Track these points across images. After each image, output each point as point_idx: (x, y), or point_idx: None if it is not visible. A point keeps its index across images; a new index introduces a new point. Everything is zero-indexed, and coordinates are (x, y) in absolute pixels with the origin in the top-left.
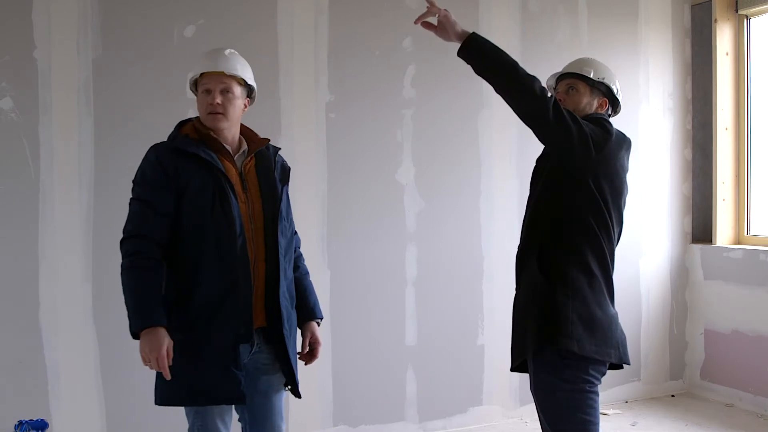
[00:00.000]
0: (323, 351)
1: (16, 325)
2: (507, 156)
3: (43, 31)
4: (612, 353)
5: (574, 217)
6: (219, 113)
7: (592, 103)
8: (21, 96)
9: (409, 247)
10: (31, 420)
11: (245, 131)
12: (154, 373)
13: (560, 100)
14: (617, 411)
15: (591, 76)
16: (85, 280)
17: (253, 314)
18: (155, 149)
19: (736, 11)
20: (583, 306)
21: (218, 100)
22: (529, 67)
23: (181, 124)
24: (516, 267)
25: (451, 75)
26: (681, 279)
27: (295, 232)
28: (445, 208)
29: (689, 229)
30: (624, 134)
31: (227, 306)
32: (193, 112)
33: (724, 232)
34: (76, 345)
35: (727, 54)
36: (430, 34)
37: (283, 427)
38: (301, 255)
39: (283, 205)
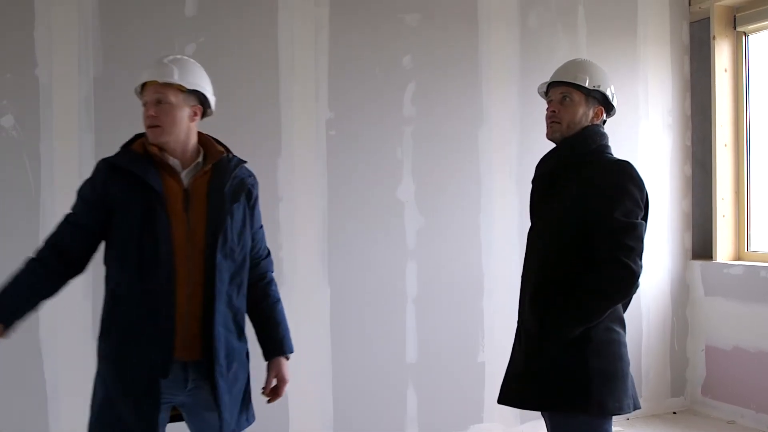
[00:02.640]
0: (324, 368)
1: (15, 342)
2: (507, 173)
3: (44, 48)
4: (630, 404)
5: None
6: (155, 126)
7: (588, 114)
8: (22, 113)
9: (410, 264)
10: None
11: (205, 142)
12: None
13: (555, 111)
14: (619, 428)
15: (586, 84)
16: (84, 298)
17: (182, 345)
18: (102, 162)
19: (735, 28)
20: (608, 362)
21: (151, 112)
22: (529, 83)
23: (137, 137)
24: (534, 303)
25: (451, 92)
26: (681, 295)
27: (267, 255)
28: (445, 225)
29: (689, 245)
30: (633, 167)
31: (145, 335)
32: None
33: (724, 249)
34: (76, 363)
35: (725, 71)
36: (430, 51)
37: None
38: (272, 281)
39: (230, 226)
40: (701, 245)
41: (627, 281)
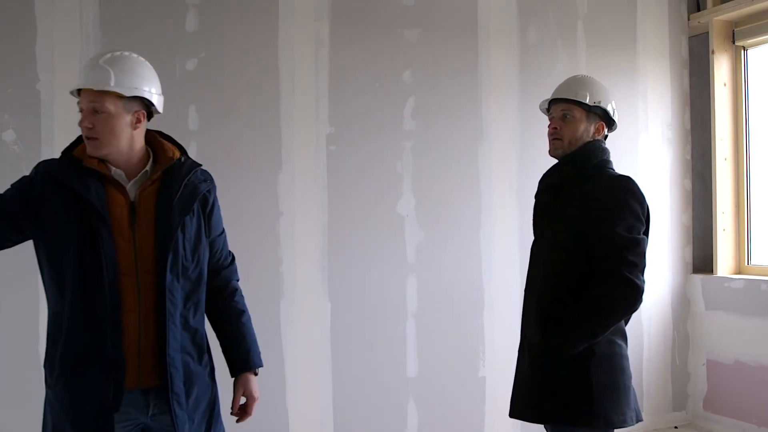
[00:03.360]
0: (325, 383)
1: (17, 360)
2: (507, 187)
3: (46, 64)
4: (633, 416)
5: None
6: (92, 138)
7: (589, 130)
8: (23, 128)
9: (410, 278)
10: None
11: (156, 144)
12: None
13: (556, 128)
14: None
15: (587, 101)
16: None
17: (135, 374)
18: (38, 167)
19: (733, 42)
20: (610, 375)
21: (87, 123)
22: (528, 98)
23: (79, 141)
24: (538, 318)
25: (450, 107)
26: (682, 309)
27: (231, 262)
28: (445, 239)
29: (690, 259)
30: (634, 182)
31: (92, 367)
32: (195, 145)
33: (724, 262)
34: None
35: (724, 85)
36: (430, 66)
37: None
38: (236, 290)
39: (181, 241)
40: (702, 259)
41: (631, 297)
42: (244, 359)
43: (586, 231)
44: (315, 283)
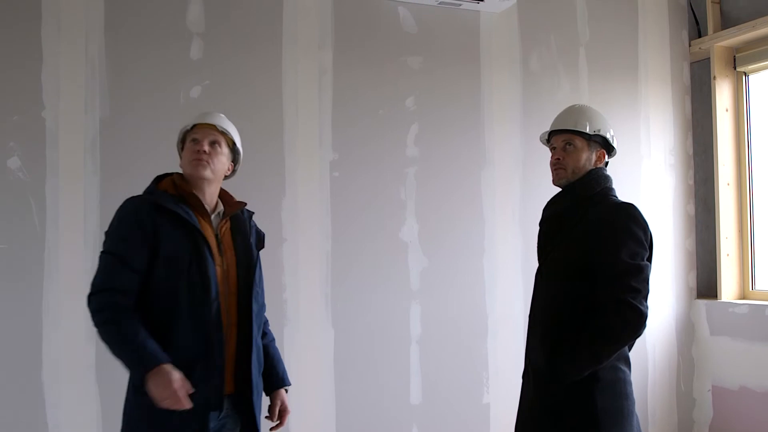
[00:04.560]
0: (328, 409)
1: (17, 383)
2: (510, 213)
3: (51, 91)
4: None
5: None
6: (204, 160)
7: (591, 158)
8: (29, 155)
9: (413, 305)
10: None
11: (222, 193)
12: None
13: (559, 158)
14: None
15: (587, 130)
16: (88, 341)
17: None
18: (132, 202)
19: (735, 68)
20: (614, 400)
21: (206, 148)
22: (531, 124)
23: (159, 179)
24: (544, 344)
25: (453, 133)
26: (687, 335)
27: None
28: (448, 265)
29: (694, 284)
30: (637, 209)
31: (199, 372)
32: None
33: (729, 288)
34: (79, 405)
35: (726, 110)
36: (432, 92)
37: None
38: (267, 321)
39: (257, 271)
40: (706, 284)
41: (635, 323)
42: (280, 378)
43: (589, 258)
44: (318, 309)
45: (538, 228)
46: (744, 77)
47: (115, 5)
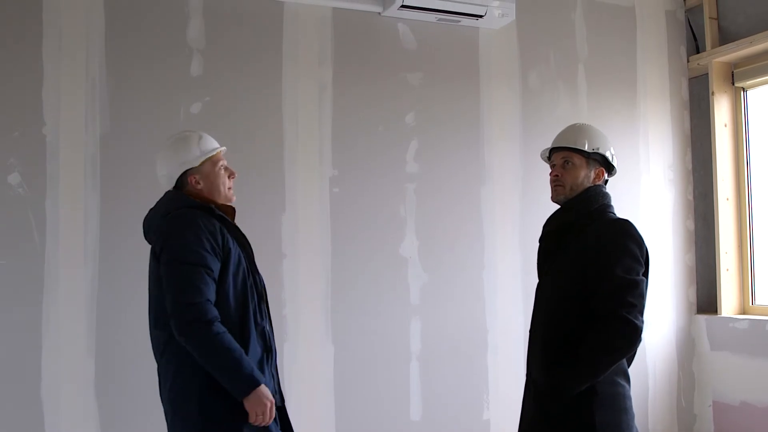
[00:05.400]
0: (328, 426)
1: (17, 399)
2: (510, 229)
3: (52, 107)
4: None
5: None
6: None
7: (589, 175)
8: (29, 171)
9: (413, 320)
10: None
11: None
12: None
13: (558, 175)
14: None
15: (585, 148)
16: (88, 355)
17: None
18: (194, 215)
19: (733, 84)
20: (613, 415)
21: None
22: (530, 140)
23: (185, 197)
24: (544, 358)
25: (453, 149)
26: (687, 350)
27: None
28: (448, 281)
29: (694, 299)
30: (633, 225)
31: (266, 374)
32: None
33: (729, 303)
34: (78, 421)
35: (725, 125)
36: (432, 109)
37: None
38: None
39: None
40: (706, 299)
41: (630, 337)
42: None
43: (586, 273)
44: (318, 326)
45: (537, 244)
46: (742, 92)
47: (116, 22)
